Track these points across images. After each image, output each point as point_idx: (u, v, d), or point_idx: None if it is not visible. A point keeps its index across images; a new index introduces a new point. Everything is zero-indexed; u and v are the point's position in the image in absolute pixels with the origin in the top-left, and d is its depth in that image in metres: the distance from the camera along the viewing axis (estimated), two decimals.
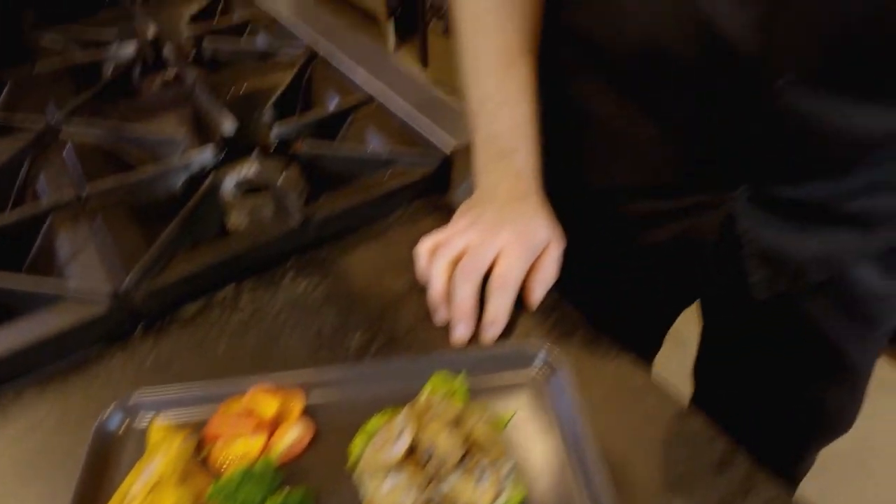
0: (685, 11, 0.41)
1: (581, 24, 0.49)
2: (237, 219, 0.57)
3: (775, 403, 0.69)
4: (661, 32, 0.44)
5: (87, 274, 0.47)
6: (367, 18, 2.52)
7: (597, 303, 0.71)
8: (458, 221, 0.50)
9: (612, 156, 0.53)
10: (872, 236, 0.55)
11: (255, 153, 0.60)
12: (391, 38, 2.43)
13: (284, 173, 0.60)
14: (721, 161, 0.49)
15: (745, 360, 0.70)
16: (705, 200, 0.52)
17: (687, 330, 0.73)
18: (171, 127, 0.65)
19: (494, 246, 0.46)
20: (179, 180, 0.56)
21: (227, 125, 0.60)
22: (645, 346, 0.82)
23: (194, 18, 0.80)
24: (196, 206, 0.51)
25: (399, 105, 0.62)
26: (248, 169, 0.60)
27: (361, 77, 0.67)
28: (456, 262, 0.46)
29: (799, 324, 0.61)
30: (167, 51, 0.73)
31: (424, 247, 0.48)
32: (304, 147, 0.58)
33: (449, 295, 0.45)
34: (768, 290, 0.55)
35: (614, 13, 0.45)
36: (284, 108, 0.66)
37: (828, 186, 0.50)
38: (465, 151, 0.55)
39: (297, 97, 0.68)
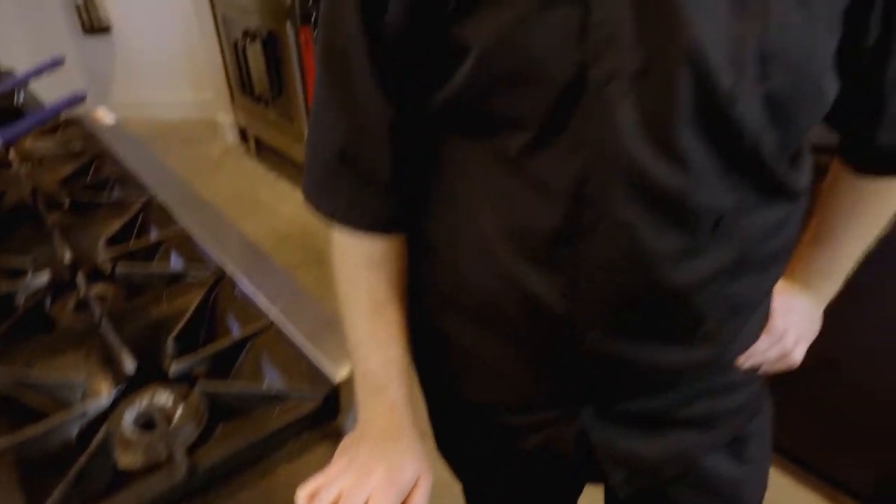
0: (507, 277, 0.50)
1: (434, 279, 0.57)
2: (132, 457, 0.59)
3: None
4: (492, 292, 0.52)
5: None
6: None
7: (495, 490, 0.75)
8: (338, 461, 0.54)
9: (474, 376, 0.60)
10: (715, 432, 0.62)
11: (154, 386, 0.64)
12: None
13: (184, 403, 0.64)
14: (564, 384, 0.56)
15: None
16: (559, 416, 0.59)
17: None
18: (76, 364, 0.68)
19: (366, 490, 0.50)
20: (74, 431, 0.59)
21: (128, 364, 0.64)
22: None
23: (111, 240, 0.87)
24: (87, 462, 0.54)
25: (294, 332, 0.68)
26: (146, 402, 0.64)
27: (262, 301, 0.74)
28: None
29: None
30: (79, 279, 0.78)
31: (304, 493, 0.52)
32: (201, 385, 0.62)
33: None
34: (629, 488, 0.61)
35: (455, 274, 0.54)
36: (189, 335, 0.71)
37: (662, 399, 0.58)
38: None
39: (202, 324, 0.73)
